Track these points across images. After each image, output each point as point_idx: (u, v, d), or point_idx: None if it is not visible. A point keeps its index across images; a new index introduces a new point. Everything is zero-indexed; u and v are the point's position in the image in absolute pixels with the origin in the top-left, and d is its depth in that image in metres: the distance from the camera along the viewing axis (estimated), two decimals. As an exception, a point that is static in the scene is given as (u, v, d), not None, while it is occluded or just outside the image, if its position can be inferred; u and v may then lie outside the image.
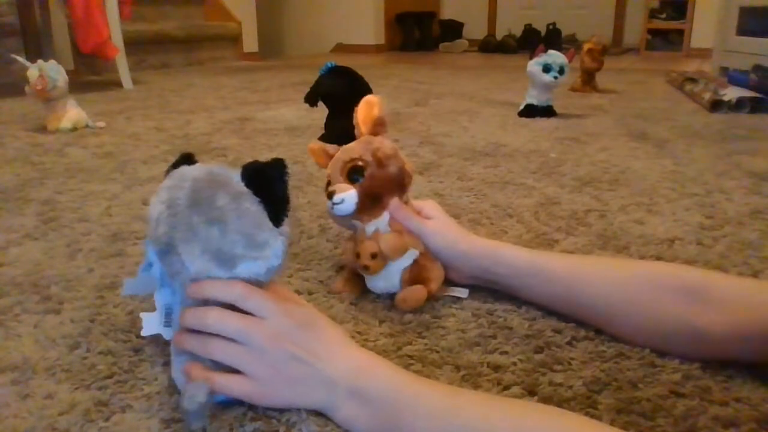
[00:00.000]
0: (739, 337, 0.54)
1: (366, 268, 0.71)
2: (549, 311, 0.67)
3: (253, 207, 0.49)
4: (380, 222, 0.70)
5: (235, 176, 0.50)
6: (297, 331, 0.51)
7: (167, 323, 0.56)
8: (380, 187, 0.69)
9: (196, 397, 0.47)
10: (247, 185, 0.50)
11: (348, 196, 0.68)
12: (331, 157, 0.73)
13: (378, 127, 0.72)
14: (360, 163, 0.69)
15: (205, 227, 0.48)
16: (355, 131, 0.73)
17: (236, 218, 0.48)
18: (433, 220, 0.72)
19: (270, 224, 0.50)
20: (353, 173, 0.69)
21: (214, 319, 0.50)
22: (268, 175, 0.50)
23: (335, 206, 0.68)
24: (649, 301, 0.58)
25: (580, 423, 0.43)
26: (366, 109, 0.73)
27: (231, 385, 0.50)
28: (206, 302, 0.51)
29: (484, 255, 0.70)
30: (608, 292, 0.62)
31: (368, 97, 0.73)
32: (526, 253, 0.70)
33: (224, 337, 0.51)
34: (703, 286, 0.57)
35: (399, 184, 0.71)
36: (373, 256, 0.69)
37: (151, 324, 0.58)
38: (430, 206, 0.75)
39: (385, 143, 0.71)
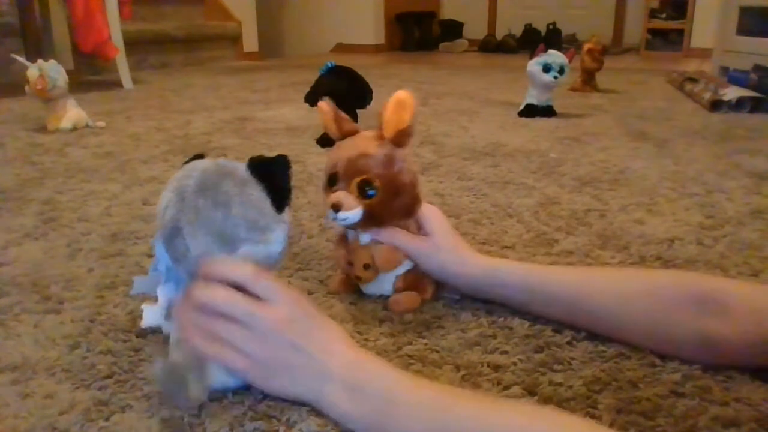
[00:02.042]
0: (752, 345, 0.53)
1: (358, 278, 0.70)
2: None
3: (256, 193, 0.52)
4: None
5: (242, 167, 0.53)
6: (302, 320, 0.52)
7: (168, 317, 0.57)
8: (388, 215, 0.66)
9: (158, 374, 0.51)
10: (252, 174, 0.52)
11: (353, 215, 0.64)
12: (341, 129, 0.68)
13: (404, 138, 0.65)
14: (375, 182, 0.64)
15: (209, 210, 0.50)
16: (377, 130, 0.66)
17: (240, 203, 0.51)
18: (428, 240, 0.69)
19: (272, 211, 0.52)
20: (365, 186, 0.64)
21: (224, 298, 0.51)
22: (273, 166, 0.53)
23: (337, 220, 0.65)
24: (657, 312, 0.58)
25: (574, 422, 0.43)
26: (395, 111, 0.64)
27: (228, 357, 0.51)
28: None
29: (477, 275, 0.68)
30: (612, 304, 0.61)
31: (401, 96, 0.63)
32: (523, 270, 0.68)
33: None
34: (715, 294, 0.56)
35: (408, 213, 0.68)
36: (366, 267, 0.69)
37: (151, 316, 0.59)
38: (431, 216, 0.70)
39: (406, 167, 0.65)
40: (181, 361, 0.51)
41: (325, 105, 0.69)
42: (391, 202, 0.65)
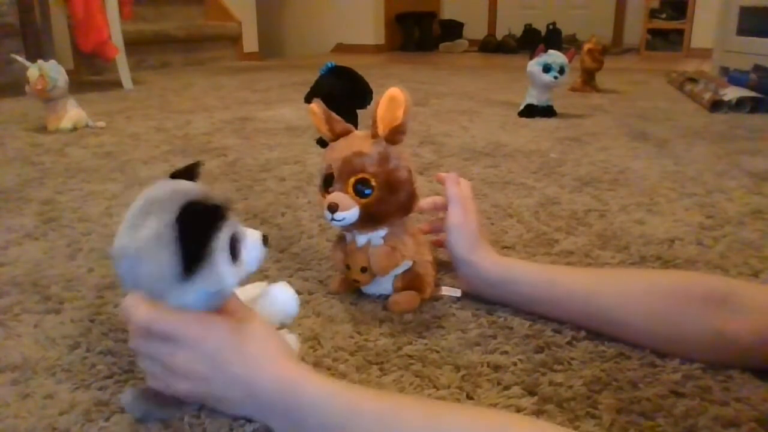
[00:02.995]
0: (765, 343, 0.53)
1: (356, 281, 0.70)
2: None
3: (162, 254, 0.45)
4: (373, 235, 0.68)
5: (178, 205, 0.46)
6: (212, 355, 0.48)
7: None
8: (385, 213, 0.66)
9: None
10: (177, 224, 0.45)
11: (350, 215, 0.64)
12: (333, 130, 0.67)
13: (398, 135, 0.64)
14: (371, 181, 0.64)
15: (131, 252, 0.46)
16: (371, 128, 0.65)
17: (147, 259, 0.45)
18: (457, 220, 0.70)
19: (176, 276, 0.45)
20: (360, 184, 0.64)
21: (135, 344, 0.50)
22: (201, 220, 0.46)
23: (334, 221, 0.65)
24: (671, 313, 0.58)
25: (501, 418, 0.44)
26: (389, 108, 0.63)
27: (170, 390, 0.51)
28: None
29: (494, 272, 0.68)
30: (622, 303, 0.61)
31: (394, 92, 0.63)
32: (538, 271, 0.69)
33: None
34: (727, 293, 0.57)
35: (405, 209, 0.68)
36: (363, 270, 0.69)
37: None
38: (456, 204, 0.71)
39: (401, 164, 0.65)
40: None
41: (315, 106, 0.68)
42: (387, 199, 0.65)
